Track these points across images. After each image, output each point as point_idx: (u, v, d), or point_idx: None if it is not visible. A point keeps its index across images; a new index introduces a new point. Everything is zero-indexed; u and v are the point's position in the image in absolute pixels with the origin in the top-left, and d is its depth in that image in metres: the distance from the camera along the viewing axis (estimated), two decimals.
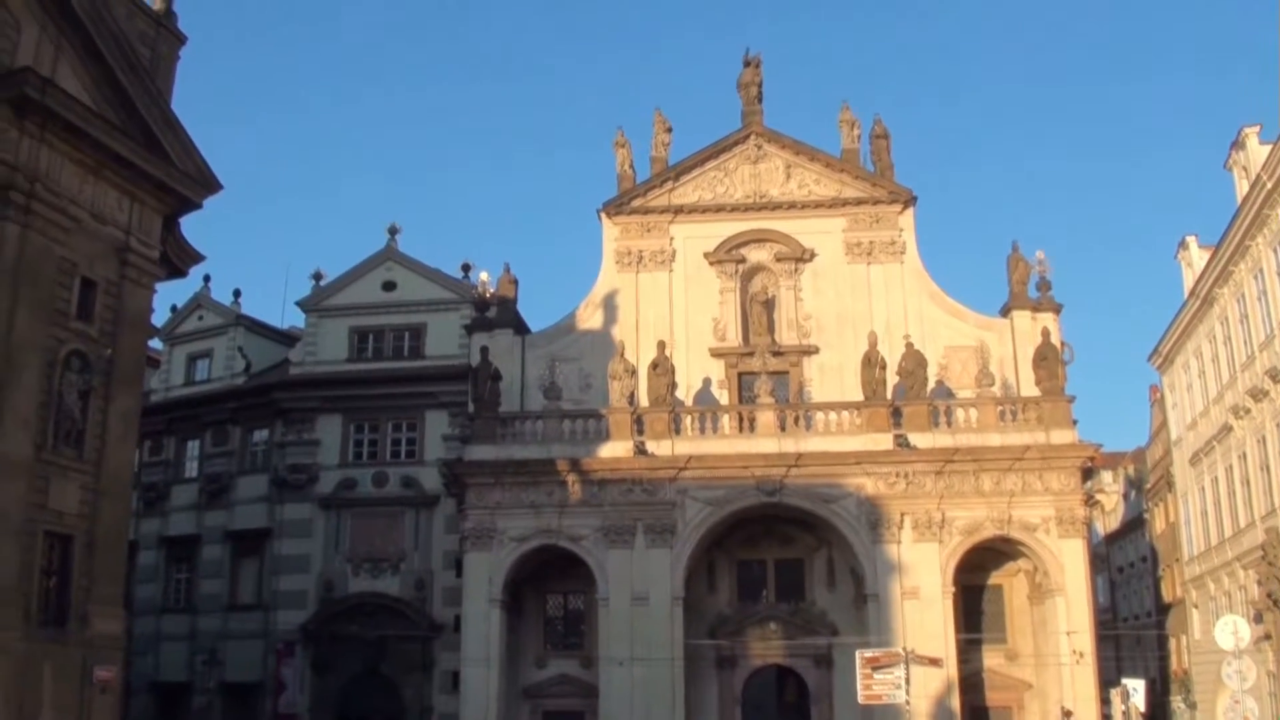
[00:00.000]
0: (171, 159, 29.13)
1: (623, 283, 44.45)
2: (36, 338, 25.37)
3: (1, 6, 25.26)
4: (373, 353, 49.26)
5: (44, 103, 25.35)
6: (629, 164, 45.59)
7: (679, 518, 39.54)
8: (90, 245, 27.37)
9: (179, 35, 31.42)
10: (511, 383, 43.09)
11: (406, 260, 50.14)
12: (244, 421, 50.21)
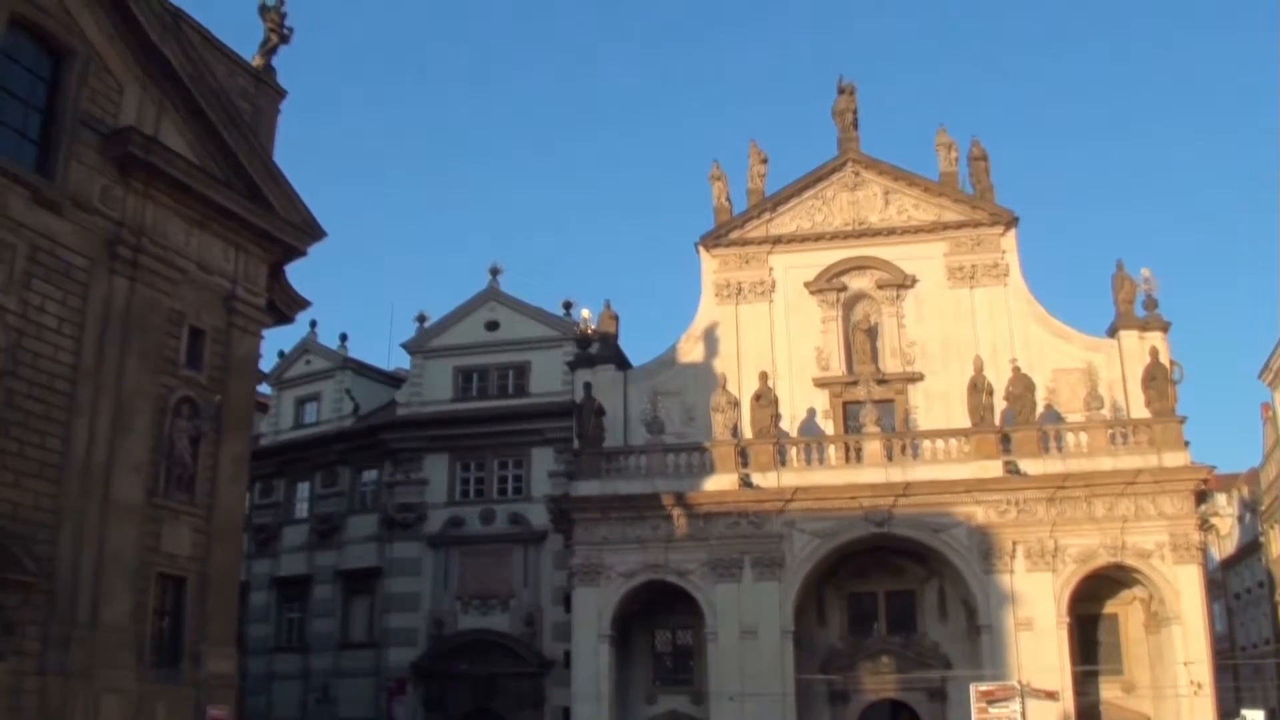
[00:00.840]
0: (275, 209, 30.33)
1: (723, 315, 44.96)
2: (147, 386, 26.58)
3: (104, 70, 26.72)
4: (477, 392, 50.39)
5: (148, 160, 26.72)
6: (725, 196, 46.20)
7: (787, 550, 39.68)
8: (198, 295, 28.60)
9: (278, 90, 32.69)
10: (615, 418, 43.79)
11: (509, 300, 51.29)
12: (353, 462, 51.66)
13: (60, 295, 24.92)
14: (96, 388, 25.40)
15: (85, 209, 25.77)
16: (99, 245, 26.03)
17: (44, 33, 25.44)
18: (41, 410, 24.02)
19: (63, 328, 24.90)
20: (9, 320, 23.52)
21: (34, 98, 25.38)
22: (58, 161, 25.24)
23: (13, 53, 24.84)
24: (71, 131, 25.60)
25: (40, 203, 24.59)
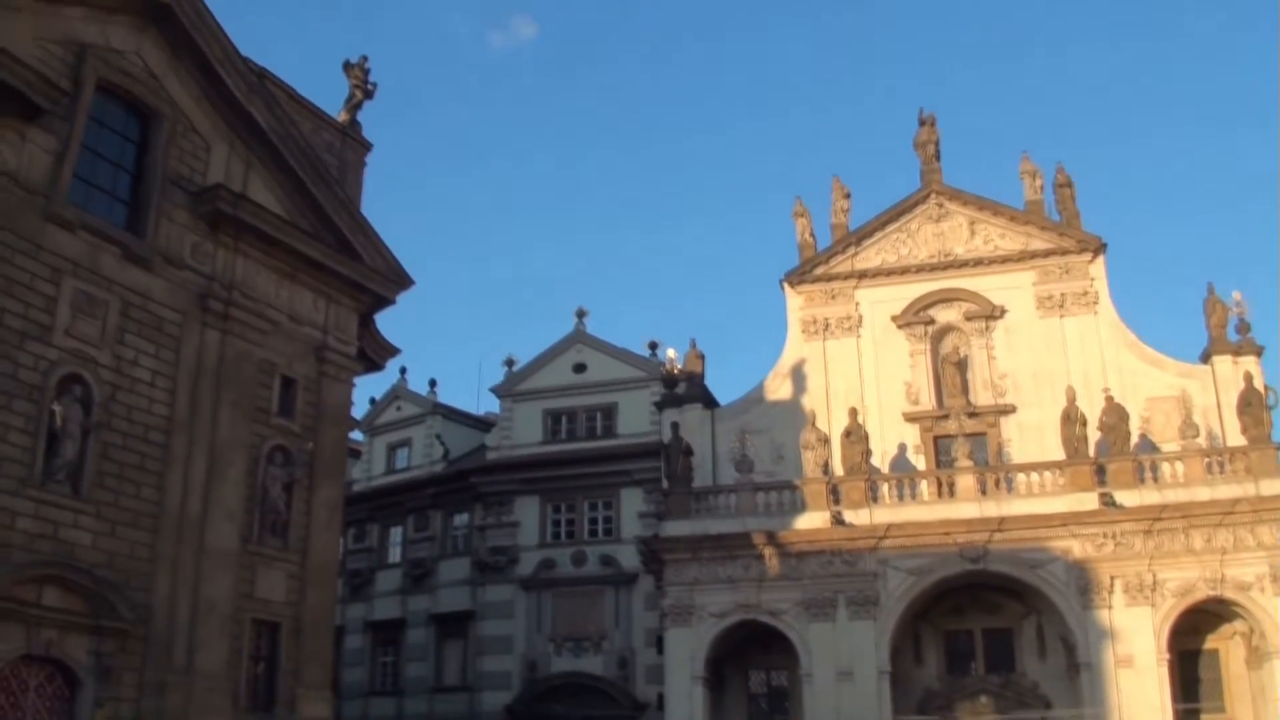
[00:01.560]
0: (363, 259, 31.18)
1: (810, 351, 45.08)
2: (241, 435, 27.45)
3: (191, 130, 27.82)
4: (566, 434, 50.95)
5: (237, 215, 27.73)
6: (809, 232, 46.41)
7: (881, 588, 39.42)
8: (289, 345, 29.48)
9: (364, 143, 33.68)
10: (703, 457, 43.99)
11: (595, 342, 51.91)
12: (444, 506, 52.43)
13: (153, 349, 25.84)
14: (191, 438, 26.25)
15: (176, 265, 26.77)
16: (191, 299, 26.99)
17: (131, 97, 26.54)
18: (136, 461, 24.88)
19: (156, 380, 25.80)
20: (103, 375, 24.45)
21: (123, 159, 26.46)
22: (148, 219, 26.25)
23: (101, 117, 25.93)
24: (161, 190, 26.62)
25: (131, 260, 25.59)
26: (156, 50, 27.13)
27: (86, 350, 24.23)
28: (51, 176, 24.11)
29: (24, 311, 23.07)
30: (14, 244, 23.12)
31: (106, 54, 25.85)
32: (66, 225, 24.21)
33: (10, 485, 22.13)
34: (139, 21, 26.72)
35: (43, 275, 23.58)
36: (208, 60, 27.82)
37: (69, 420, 23.44)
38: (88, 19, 25.55)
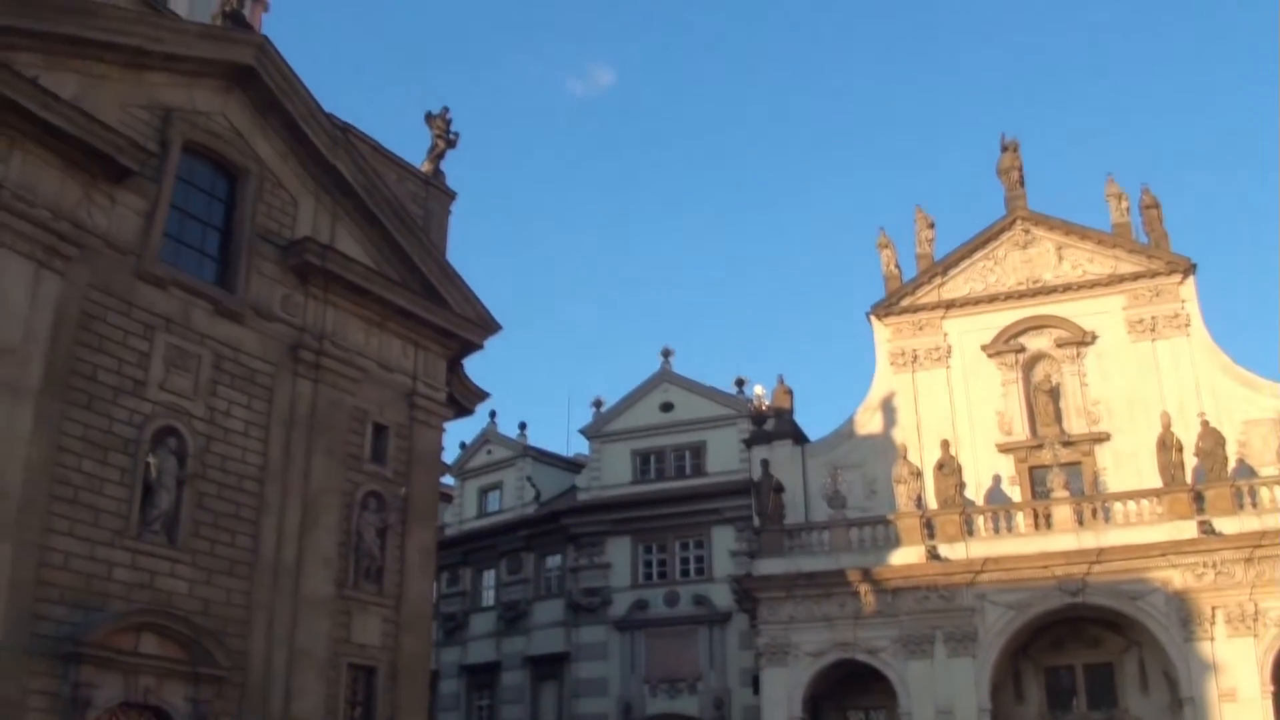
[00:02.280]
0: (451, 306, 31.71)
1: (899, 384, 44.72)
2: (334, 482, 27.98)
3: (278, 186, 28.60)
4: (655, 473, 51.03)
5: (325, 267, 28.42)
6: (894, 263, 46.14)
7: (979, 624, 38.67)
8: (380, 392, 30.01)
9: (448, 192, 34.34)
10: (794, 493, 43.73)
11: (682, 380, 52.00)
12: (537, 549, 52.71)
13: (246, 400, 26.50)
14: (284, 486, 26.83)
15: (267, 317, 27.47)
16: (282, 350, 27.67)
17: (218, 156, 27.39)
18: (231, 510, 25.48)
19: (249, 430, 26.43)
20: (197, 426, 25.13)
21: (212, 216, 27.30)
22: (238, 274, 27.03)
23: (189, 177, 26.79)
24: (250, 245, 27.40)
25: (223, 314, 26.33)
26: (241, 110, 27.97)
27: (180, 403, 24.94)
28: (142, 236, 24.92)
29: (118, 368, 23.83)
30: (106, 303, 23.94)
31: (192, 116, 26.71)
32: (158, 283, 24.99)
33: (107, 536, 22.82)
34: (223, 84, 27.58)
35: (135, 332, 24.36)
36: (292, 118, 28.63)
37: (164, 472, 24.14)
38: (173, 84, 26.43)
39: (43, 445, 21.98)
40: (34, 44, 23.21)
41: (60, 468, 22.29)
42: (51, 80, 23.30)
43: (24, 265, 22.35)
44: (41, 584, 21.50)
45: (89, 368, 23.31)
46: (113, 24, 24.75)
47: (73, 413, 22.78)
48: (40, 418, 22.04)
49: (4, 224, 22.13)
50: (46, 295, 22.63)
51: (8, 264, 22.10)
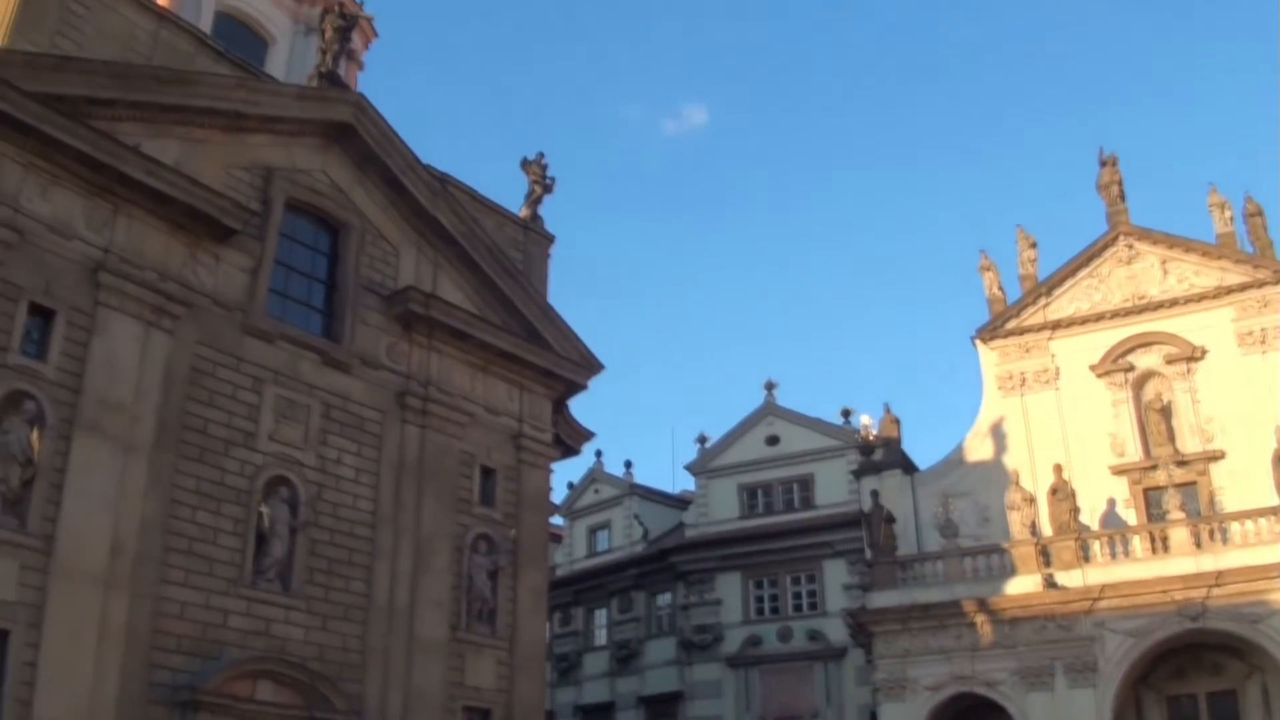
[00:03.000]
0: (553, 347, 31.87)
1: (1008, 408, 43.77)
2: (444, 526, 28.19)
3: (380, 238, 29.07)
4: (763, 508, 50.49)
5: (429, 315, 28.76)
6: (997, 286, 45.29)
7: (1099, 653, 37.35)
8: (486, 436, 30.22)
9: (546, 235, 34.61)
10: (906, 524, 42.91)
11: (786, 413, 51.48)
12: (647, 587, 52.41)
13: (355, 447, 26.86)
14: (396, 531, 27.09)
15: (373, 366, 27.86)
16: (389, 398, 28.03)
17: (320, 212, 28.01)
18: (344, 556, 25.79)
19: (360, 477, 26.77)
20: (308, 475, 25.53)
21: (316, 269, 27.89)
22: (344, 325, 27.50)
23: (292, 232, 27.42)
24: (354, 296, 27.89)
25: (330, 364, 26.81)
26: (341, 166, 28.54)
27: (291, 453, 25.39)
28: (248, 292, 25.54)
29: (228, 420, 24.35)
30: (215, 358, 24.52)
31: (293, 174, 27.34)
32: (265, 337, 25.55)
33: (222, 586, 23.24)
34: (322, 141, 28.19)
35: (245, 385, 24.89)
36: (391, 171, 29.15)
37: (277, 520, 24.57)
38: (273, 144, 27.10)
39: (157, 499, 22.51)
40: (136, 114, 24.01)
41: (174, 520, 22.79)
42: (154, 147, 24.05)
43: (133, 326, 23.01)
44: (158, 634, 21.94)
45: (200, 422, 23.83)
46: (212, 91, 25.53)
47: (185, 466, 23.29)
48: (154, 472, 22.59)
49: (112, 287, 22.84)
50: (156, 353, 23.24)
51: (117, 325, 22.77)
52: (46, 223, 22.26)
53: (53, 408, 21.40)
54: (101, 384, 22.20)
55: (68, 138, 22.29)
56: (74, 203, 22.79)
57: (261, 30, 40.96)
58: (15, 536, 20.32)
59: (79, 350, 22.15)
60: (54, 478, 21.11)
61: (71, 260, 22.47)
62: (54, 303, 21.99)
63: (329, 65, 29.18)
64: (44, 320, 21.90)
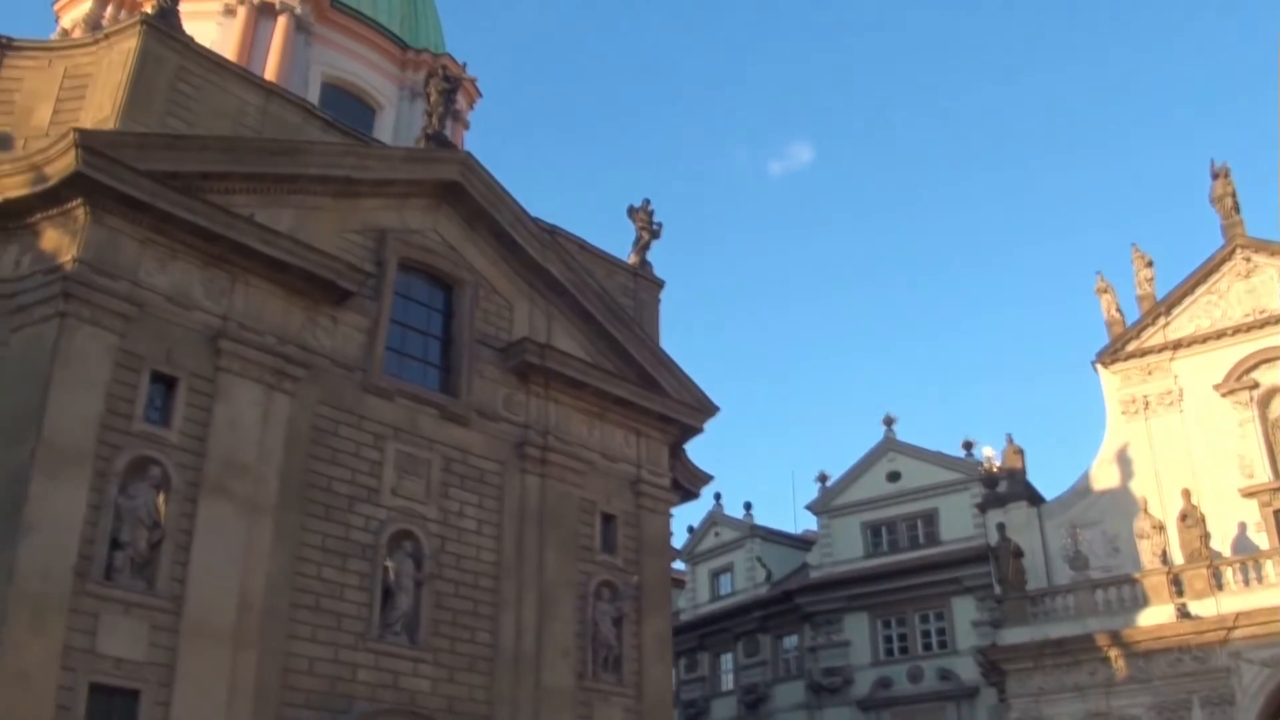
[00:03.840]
0: (668, 392, 31.48)
1: (1132, 432, 42.14)
2: (567, 574, 27.86)
3: (493, 292, 29.10)
4: (888, 545, 49.28)
5: (544, 365, 28.63)
6: (1115, 307, 43.79)
7: (1235, 685, 35.45)
8: (605, 482, 29.89)
9: (656, 281, 34.36)
10: (1034, 556, 41.39)
11: (907, 448, 50.29)
12: (773, 630, 51.37)
13: (477, 499, 26.76)
14: (519, 581, 26.85)
15: (491, 418, 27.80)
16: (508, 449, 27.92)
17: (433, 270, 28.17)
18: (469, 607, 25.62)
19: (482, 529, 26.65)
20: (431, 528, 25.49)
21: (431, 326, 27.99)
22: (461, 379, 27.53)
23: (407, 291, 27.59)
24: (470, 351, 27.91)
25: (449, 418, 26.82)
26: (451, 224, 28.68)
27: (414, 507, 25.37)
28: (366, 352, 25.71)
29: (351, 477, 24.46)
30: (337, 417, 24.69)
31: (405, 235, 27.54)
32: (384, 394, 25.65)
33: (350, 640, 23.19)
34: (432, 202, 28.37)
35: (366, 442, 24.99)
36: (501, 226, 29.21)
37: (402, 574, 24.50)
38: (384, 207, 27.36)
39: (283, 556, 22.64)
40: (250, 185, 24.47)
41: (301, 576, 22.88)
42: (269, 216, 24.44)
43: (254, 390, 23.28)
44: (288, 689, 21.93)
45: (324, 479, 23.97)
46: (322, 159, 25.93)
47: (311, 523, 23.41)
48: (279, 530, 22.75)
49: (233, 353, 23.15)
50: (278, 415, 23.49)
51: (240, 389, 23.05)
52: (166, 294, 22.66)
53: (178, 472, 21.68)
54: (225, 447, 22.43)
55: (182, 212, 22.72)
56: (192, 274, 23.17)
57: (368, 98, 41.47)
58: (145, 598, 20.56)
59: (202, 415, 22.42)
60: (181, 539, 21.34)
61: (192, 329, 22.83)
62: (176, 370, 22.35)
63: (435, 127, 29.46)
64: (166, 388, 22.25)
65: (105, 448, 20.85)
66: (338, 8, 41.15)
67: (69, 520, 19.89)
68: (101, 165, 21.56)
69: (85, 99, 24.33)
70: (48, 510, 19.67)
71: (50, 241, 22.05)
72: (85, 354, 21.05)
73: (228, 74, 26.07)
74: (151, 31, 24.52)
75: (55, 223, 22.12)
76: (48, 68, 24.98)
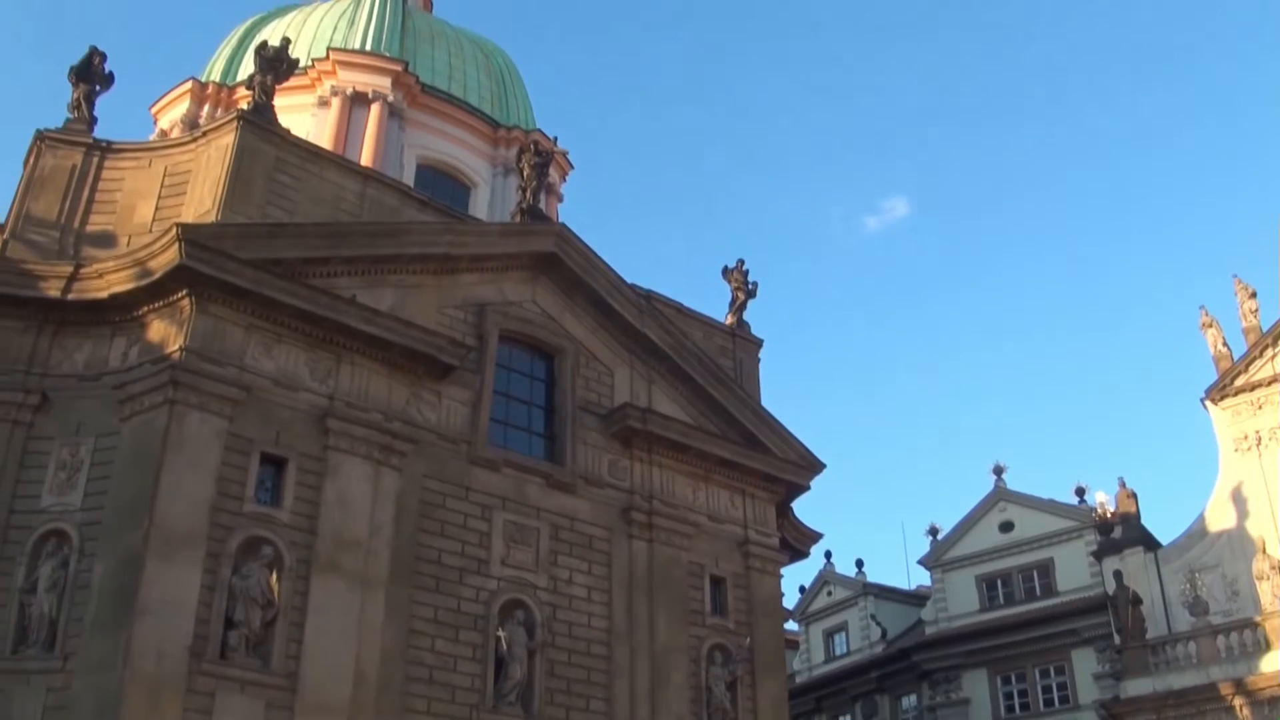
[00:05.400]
0: (772, 451, 30.66)
1: (1246, 469, 40.09)
2: (679, 639, 27.04)
3: (593, 359, 28.74)
4: (1003, 598, 47.40)
5: (646, 429, 28.09)
6: (1221, 342, 41.88)
7: None
8: (713, 545, 29.10)
9: (754, 340, 33.73)
10: (1153, 604, 39.51)
11: (1018, 497, 48.52)
12: (890, 689, 49.60)
13: (585, 566, 26.21)
14: (631, 647, 26.16)
15: (597, 484, 27.32)
16: (614, 515, 27.38)
17: (533, 340, 27.94)
18: (582, 676, 24.98)
19: (592, 595, 26.06)
20: (541, 597, 25.00)
21: (533, 396, 27.70)
22: (565, 447, 27.11)
23: (508, 363, 27.40)
24: (573, 418, 27.50)
25: (555, 486, 26.40)
26: (549, 295, 28.45)
27: (523, 576, 24.93)
28: (471, 424, 25.51)
29: (461, 549, 24.13)
30: (444, 490, 24.45)
31: (504, 307, 27.39)
32: (490, 465, 25.38)
33: (464, 711, 22.72)
34: (529, 274, 28.21)
35: (474, 514, 24.70)
36: (598, 294, 28.93)
37: (514, 644, 23.97)
38: (483, 281, 27.29)
39: (396, 630, 22.32)
40: (350, 267, 24.60)
41: (414, 649, 22.54)
42: (370, 296, 24.48)
43: (363, 466, 23.16)
44: None
45: (434, 552, 23.68)
46: (420, 238, 26.00)
47: (422, 596, 23.11)
48: (391, 604, 22.46)
49: (340, 431, 23.12)
50: (386, 490, 23.32)
51: (348, 467, 22.97)
52: (272, 377, 22.75)
53: (290, 550, 21.59)
54: (335, 524, 22.32)
55: (285, 297, 22.88)
56: (297, 356, 23.25)
57: (462, 176, 41.77)
58: (260, 676, 20.39)
59: (312, 493, 22.37)
60: (295, 616, 21.18)
61: (299, 409, 22.87)
62: (285, 451, 22.38)
63: (529, 201, 29.43)
64: (276, 468, 22.27)
65: (218, 529, 20.84)
66: (429, 92, 41.70)
67: (183, 602, 19.84)
68: (204, 256, 21.81)
69: (186, 195, 24.70)
70: (162, 592, 19.65)
71: (157, 332, 22.30)
72: (195, 439, 21.13)
73: (324, 162, 26.29)
74: (248, 126, 24.84)
75: (161, 314, 22.40)
76: (148, 167, 25.42)
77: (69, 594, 20.32)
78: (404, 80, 40.70)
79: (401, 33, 43.63)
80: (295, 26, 43.20)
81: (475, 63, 44.96)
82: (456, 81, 43.32)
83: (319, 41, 42.33)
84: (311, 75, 40.10)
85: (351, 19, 43.73)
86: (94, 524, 20.78)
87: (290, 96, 36.73)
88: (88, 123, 25.84)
